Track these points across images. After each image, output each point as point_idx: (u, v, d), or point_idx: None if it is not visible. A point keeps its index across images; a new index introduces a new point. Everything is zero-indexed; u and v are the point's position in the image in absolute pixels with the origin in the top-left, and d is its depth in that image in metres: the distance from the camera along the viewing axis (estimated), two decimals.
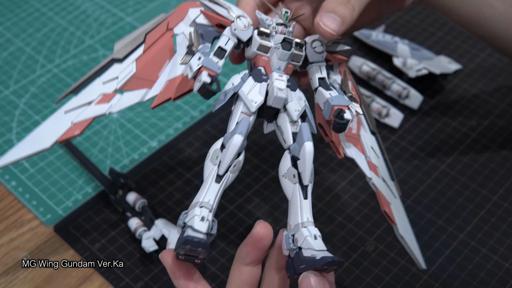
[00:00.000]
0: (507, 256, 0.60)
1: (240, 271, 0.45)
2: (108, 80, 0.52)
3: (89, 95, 0.52)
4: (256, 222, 0.45)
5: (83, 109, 0.52)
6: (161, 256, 0.46)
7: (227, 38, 0.50)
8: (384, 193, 0.52)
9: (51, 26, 0.88)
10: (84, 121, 0.52)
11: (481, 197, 0.65)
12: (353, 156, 0.52)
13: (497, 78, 0.78)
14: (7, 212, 0.66)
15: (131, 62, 0.52)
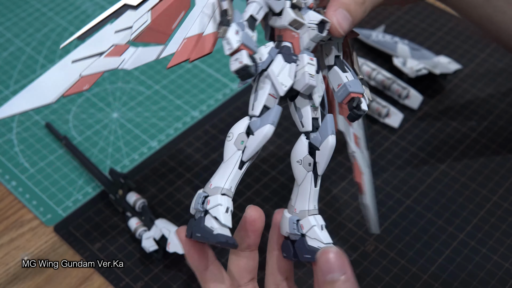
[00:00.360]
0: (507, 256, 0.60)
1: (237, 257, 0.45)
2: (121, 29, 0.47)
3: (100, 45, 0.47)
4: (247, 207, 0.45)
5: (93, 60, 0.47)
6: (177, 232, 0.44)
7: (259, 6, 0.46)
8: (361, 164, 0.52)
9: (51, 26, 0.88)
10: (94, 74, 0.47)
11: (481, 197, 0.65)
12: (343, 129, 0.51)
13: (497, 78, 0.78)
14: (7, 212, 0.66)
15: (146, 11, 0.48)
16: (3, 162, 0.71)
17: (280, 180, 0.67)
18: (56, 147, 0.72)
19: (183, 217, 0.64)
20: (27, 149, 0.72)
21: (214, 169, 0.69)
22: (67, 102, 0.77)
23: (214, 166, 0.69)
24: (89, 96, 0.78)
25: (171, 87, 0.78)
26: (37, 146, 0.72)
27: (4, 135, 0.74)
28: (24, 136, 0.73)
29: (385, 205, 0.65)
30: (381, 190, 0.66)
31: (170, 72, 0.80)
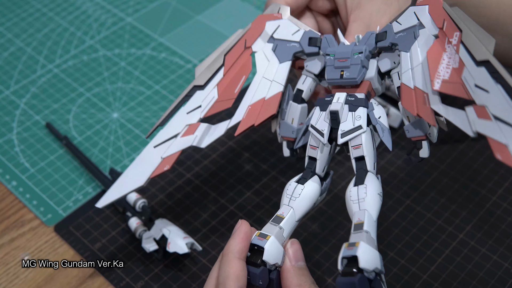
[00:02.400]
0: (506, 256, 0.60)
1: (236, 264, 0.45)
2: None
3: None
4: (241, 221, 0.47)
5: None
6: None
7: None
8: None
9: (52, 26, 0.88)
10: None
11: (481, 197, 0.65)
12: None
13: None
14: (7, 212, 0.66)
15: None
16: (4, 162, 0.71)
17: (280, 180, 0.67)
18: (57, 147, 0.72)
19: (183, 217, 0.64)
20: (27, 149, 0.72)
21: (214, 169, 0.69)
22: (67, 102, 0.77)
23: (214, 166, 0.69)
24: (89, 96, 0.78)
25: (171, 87, 0.79)
26: (37, 146, 0.72)
27: (4, 135, 0.74)
28: (24, 136, 0.74)
29: (385, 205, 0.65)
30: None
31: (170, 72, 0.80)
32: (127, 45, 0.85)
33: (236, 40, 0.53)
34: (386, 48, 0.49)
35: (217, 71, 0.52)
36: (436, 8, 0.47)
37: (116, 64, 0.82)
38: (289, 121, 0.50)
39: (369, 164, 0.46)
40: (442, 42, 0.46)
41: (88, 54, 0.84)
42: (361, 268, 0.41)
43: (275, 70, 0.51)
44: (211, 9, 0.90)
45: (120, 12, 0.90)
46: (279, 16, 0.52)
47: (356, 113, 0.46)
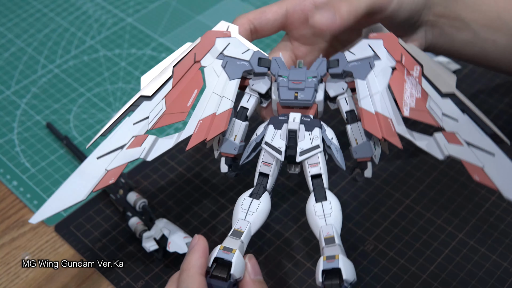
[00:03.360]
0: (505, 256, 0.60)
1: (198, 280, 0.45)
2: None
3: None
4: (198, 236, 0.47)
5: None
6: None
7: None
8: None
9: (52, 26, 0.88)
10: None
11: (480, 197, 0.65)
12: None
13: (496, 79, 0.78)
14: (8, 211, 0.67)
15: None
16: (5, 162, 0.71)
17: (279, 180, 0.67)
18: (57, 147, 0.72)
19: (183, 217, 0.65)
20: (28, 149, 0.72)
21: (214, 169, 0.69)
22: (67, 102, 0.78)
23: (214, 166, 0.69)
24: (89, 97, 0.78)
25: None
26: (38, 146, 0.73)
27: (5, 135, 0.74)
28: (25, 136, 0.74)
29: (385, 204, 0.65)
30: (380, 190, 0.66)
31: None
32: (128, 46, 0.85)
33: (185, 53, 0.53)
34: (336, 75, 0.51)
35: (165, 82, 0.52)
36: (392, 42, 0.51)
37: (117, 64, 0.82)
38: (231, 138, 0.51)
39: (325, 182, 0.49)
40: (402, 73, 0.50)
41: (89, 55, 0.84)
42: (344, 280, 0.43)
43: (224, 85, 0.52)
44: (211, 9, 0.90)
45: (120, 13, 0.90)
46: (228, 34, 0.53)
47: (313, 133, 0.49)
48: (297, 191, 0.66)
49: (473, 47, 0.61)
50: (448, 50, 0.62)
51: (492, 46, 0.60)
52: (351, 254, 0.61)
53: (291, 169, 0.51)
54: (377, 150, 0.51)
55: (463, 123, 0.47)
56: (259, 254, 0.61)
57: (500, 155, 0.45)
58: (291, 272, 0.60)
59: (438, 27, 0.59)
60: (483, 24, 0.59)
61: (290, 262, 0.61)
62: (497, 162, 0.45)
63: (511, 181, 0.45)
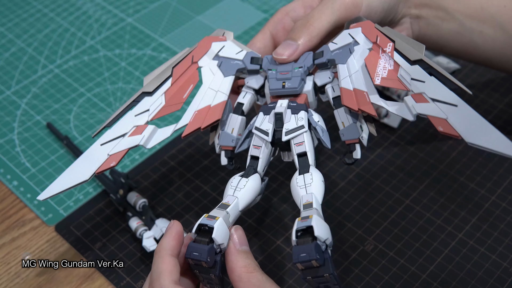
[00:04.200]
0: (505, 255, 0.60)
1: (168, 260, 0.46)
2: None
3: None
4: (173, 221, 0.48)
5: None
6: None
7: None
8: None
9: (53, 27, 0.88)
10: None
11: (480, 197, 0.65)
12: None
13: (496, 79, 0.78)
14: (9, 211, 0.67)
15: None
16: (5, 162, 0.71)
17: (279, 180, 0.67)
18: (57, 147, 0.72)
19: (183, 217, 0.65)
20: (28, 149, 0.72)
21: (214, 169, 0.69)
22: (68, 102, 0.78)
23: (214, 166, 0.69)
24: (90, 97, 0.78)
25: None
26: (38, 146, 0.73)
27: (5, 135, 0.74)
28: (25, 136, 0.74)
29: (385, 204, 0.65)
30: (380, 190, 0.66)
31: None
32: (128, 46, 0.85)
33: (184, 56, 0.57)
34: (322, 64, 0.55)
35: (165, 80, 0.56)
36: (369, 28, 0.55)
37: (117, 64, 0.83)
38: (229, 131, 0.54)
39: (310, 159, 0.51)
40: (377, 52, 0.53)
41: (89, 55, 0.84)
42: (316, 236, 0.45)
43: (219, 82, 0.56)
44: (211, 10, 0.90)
45: (120, 13, 0.90)
46: (224, 39, 0.58)
47: (298, 115, 0.52)
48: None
49: (461, 38, 0.62)
50: (437, 42, 0.63)
51: (480, 37, 0.62)
52: (351, 254, 0.61)
53: (285, 157, 0.55)
54: (364, 131, 0.53)
55: (430, 83, 0.50)
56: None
57: (462, 105, 0.48)
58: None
59: (423, 18, 0.61)
60: (467, 15, 0.61)
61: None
62: (460, 112, 0.48)
63: (472, 127, 0.48)
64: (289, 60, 0.55)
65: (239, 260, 0.47)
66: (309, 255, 0.44)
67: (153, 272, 0.47)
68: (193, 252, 0.46)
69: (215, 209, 0.49)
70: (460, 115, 0.48)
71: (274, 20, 0.60)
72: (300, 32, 0.55)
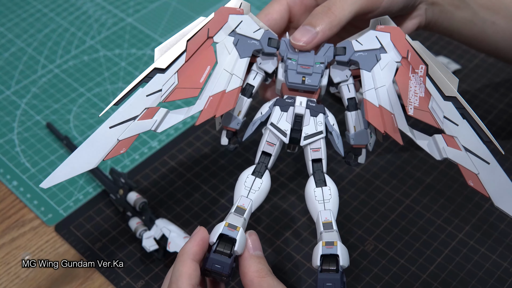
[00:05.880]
0: (505, 255, 0.60)
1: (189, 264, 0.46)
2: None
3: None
4: (199, 227, 0.49)
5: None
6: None
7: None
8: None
9: (52, 27, 0.88)
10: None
11: (480, 197, 0.65)
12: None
13: (496, 79, 0.78)
14: (8, 211, 0.67)
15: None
16: (5, 162, 0.71)
17: (280, 180, 0.67)
18: (57, 147, 0.72)
19: (183, 217, 0.65)
20: (28, 149, 0.72)
21: (214, 169, 0.69)
22: (68, 102, 0.78)
23: (214, 166, 0.69)
24: (90, 97, 0.78)
25: None
26: (38, 146, 0.73)
27: (5, 135, 0.74)
28: (25, 136, 0.74)
29: (385, 204, 0.65)
30: (380, 190, 0.66)
31: None
32: (128, 46, 0.85)
33: (199, 28, 0.53)
34: (342, 62, 0.52)
35: (179, 56, 0.52)
36: (399, 38, 0.52)
37: (117, 64, 0.83)
38: (235, 113, 0.52)
39: (325, 167, 0.51)
40: (407, 71, 0.51)
41: (89, 55, 0.84)
42: (340, 266, 0.46)
43: (234, 63, 0.53)
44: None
45: (120, 13, 0.90)
46: (241, 11, 0.54)
47: (317, 118, 0.51)
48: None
49: (473, 27, 0.62)
50: (448, 28, 0.63)
51: (491, 27, 0.62)
52: (351, 254, 0.61)
53: (290, 148, 0.53)
54: (372, 138, 0.53)
55: (462, 128, 0.50)
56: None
57: (494, 165, 0.49)
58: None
59: (438, 5, 0.61)
60: (481, 4, 0.61)
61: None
62: (492, 171, 0.49)
63: (502, 191, 0.48)
64: (306, 47, 0.52)
65: (251, 265, 0.47)
66: (334, 285, 0.45)
67: (173, 274, 0.47)
68: (215, 264, 0.46)
69: (233, 215, 0.49)
70: (491, 174, 0.49)
71: None
72: (321, 19, 0.52)
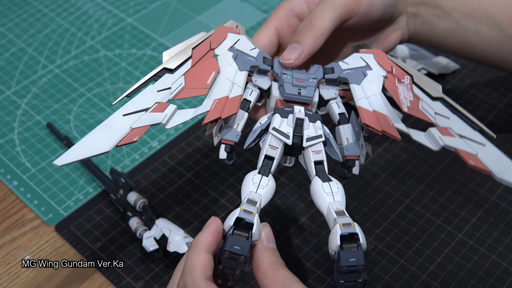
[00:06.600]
0: (505, 255, 0.60)
1: (203, 256, 0.46)
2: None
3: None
4: (213, 218, 0.48)
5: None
6: None
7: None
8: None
9: (53, 27, 0.88)
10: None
11: (480, 197, 0.65)
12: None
13: (496, 79, 0.78)
14: (9, 211, 0.67)
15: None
16: (5, 162, 0.71)
17: (280, 180, 0.67)
18: (58, 147, 0.72)
19: (183, 217, 0.65)
20: (28, 149, 0.72)
21: (214, 169, 0.69)
22: (68, 103, 0.78)
23: (214, 166, 0.69)
24: (90, 97, 0.78)
25: None
26: (38, 146, 0.73)
27: (5, 135, 0.74)
28: (25, 136, 0.74)
29: (385, 204, 0.65)
30: (380, 190, 0.66)
31: None
32: (128, 46, 0.85)
33: (202, 40, 0.56)
34: (331, 80, 0.56)
35: (185, 61, 0.55)
36: (381, 56, 0.56)
37: (117, 64, 0.83)
38: (234, 126, 0.54)
39: (326, 168, 0.52)
40: (394, 81, 0.55)
41: (89, 55, 0.84)
42: (361, 243, 0.47)
43: (235, 74, 0.55)
44: (211, 9, 0.90)
45: (120, 13, 0.90)
46: (238, 32, 0.57)
47: (316, 124, 0.53)
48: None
49: (456, 36, 0.63)
50: (432, 39, 0.64)
51: (476, 36, 0.62)
52: None
53: (286, 162, 0.55)
54: (364, 151, 0.55)
55: (454, 120, 0.54)
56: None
57: (490, 146, 0.54)
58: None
59: (420, 16, 0.62)
60: (464, 14, 0.62)
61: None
62: (488, 150, 0.54)
63: (501, 165, 0.54)
64: (295, 63, 0.55)
65: (265, 257, 0.47)
66: (358, 260, 0.46)
67: (186, 266, 0.46)
68: (235, 245, 0.46)
69: (246, 204, 0.49)
70: (489, 153, 0.54)
71: (278, 16, 0.60)
72: (304, 35, 0.55)
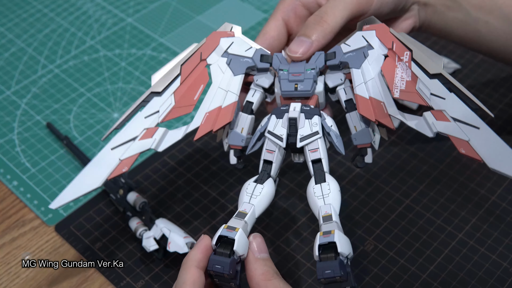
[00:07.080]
0: (505, 255, 0.60)
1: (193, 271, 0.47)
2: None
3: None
4: (203, 235, 0.49)
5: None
6: None
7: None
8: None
9: (53, 27, 0.88)
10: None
11: (480, 197, 0.65)
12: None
13: (496, 79, 0.78)
14: (9, 211, 0.67)
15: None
16: (5, 162, 0.71)
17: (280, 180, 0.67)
18: (57, 147, 0.72)
19: (183, 217, 0.65)
20: (28, 149, 0.72)
21: (214, 169, 0.69)
22: (68, 103, 0.78)
23: (214, 166, 0.69)
24: (90, 97, 0.78)
25: None
26: (38, 146, 0.73)
27: (5, 135, 0.74)
28: (25, 136, 0.74)
29: (384, 204, 0.65)
30: (380, 190, 0.66)
31: None
32: (128, 46, 0.85)
33: (192, 53, 0.56)
34: (334, 66, 0.54)
35: (174, 79, 0.55)
36: (383, 32, 0.54)
37: (117, 64, 0.83)
38: (238, 130, 0.54)
39: (325, 166, 0.51)
40: (393, 60, 0.53)
41: (89, 55, 0.84)
42: (339, 253, 0.46)
43: (229, 81, 0.54)
44: (211, 9, 0.90)
45: (120, 13, 0.90)
46: (232, 34, 0.56)
47: (312, 120, 0.51)
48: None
49: (466, 27, 0.62)
50: (442, 29, 0.64)
51: (485, 27, 0.62)
52: None
53: (295, 159, 0.54)
54: (376, 137, 0.53)
55: (450, 100, 0.50)
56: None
57: (484, 128, 0.49)
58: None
59: (430, 6, 0.62)
60: (474, 4, 0.62)
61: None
62: (482, 135, 0.49)
63: (495, 152, 0.48)
64: (303, 58, 0.53)
65: (257, 268, 0.47)
66: (333, 271, 0.45)
67: (177, 282, 0.47)
68: (215, 265, 0.47)
69: (233, 219, 0.49)
70: (483, 138, 0.49)
71: (284, 6, 0.59)
72: (314, 29, 0.54)
